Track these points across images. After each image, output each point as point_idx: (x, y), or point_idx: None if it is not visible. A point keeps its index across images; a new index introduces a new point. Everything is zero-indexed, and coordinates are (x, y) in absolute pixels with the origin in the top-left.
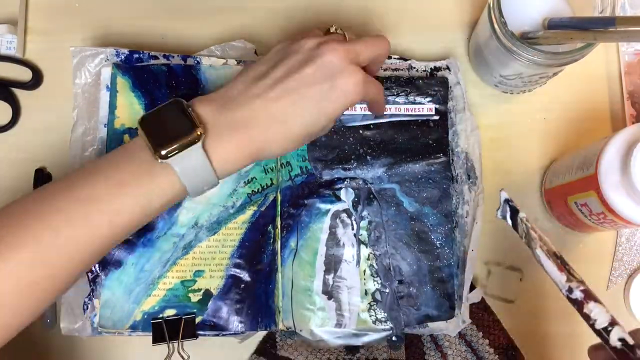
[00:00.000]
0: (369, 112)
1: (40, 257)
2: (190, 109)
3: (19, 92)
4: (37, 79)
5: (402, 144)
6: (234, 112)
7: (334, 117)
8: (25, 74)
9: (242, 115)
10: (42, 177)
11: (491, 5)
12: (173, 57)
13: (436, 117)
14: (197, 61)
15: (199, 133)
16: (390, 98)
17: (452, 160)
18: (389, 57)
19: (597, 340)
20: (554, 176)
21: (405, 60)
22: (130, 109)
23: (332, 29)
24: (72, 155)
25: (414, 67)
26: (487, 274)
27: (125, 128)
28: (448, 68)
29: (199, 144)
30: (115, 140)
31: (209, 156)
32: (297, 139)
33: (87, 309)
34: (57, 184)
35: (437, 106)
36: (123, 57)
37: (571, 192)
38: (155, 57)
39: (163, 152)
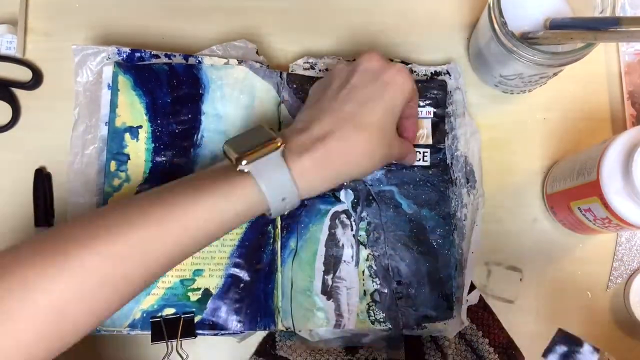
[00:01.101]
0: None
1: (115, 251)
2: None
3: (19, 92)
4: (37, 79)
5: None
6: (310, 131)
7: (398, 110)
8: (25, 74)
9: (317, 132)
10: (42, 177)
11: (491, 5)
12: (175, 56)
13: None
14: (199, 60)
15: (278, 144)
16: None
17: (452, 163)
18: (391, 60)
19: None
20: (555, 181)
21: (407, 64)
22: (131, 107)
23: None
24: (73, 153)
25: (415, 71)
26: (487, 274)
27: (127, 126)
28: (448, 73)
29: (278, 151)
30: (116, 138)
31: (289, 167)
32: (378, 139)
33: None
34: (153, 190)
35: (436, 109)
36: (125, 55)
37: (573, 197)
38: (157, 56)
39: (243, 161)
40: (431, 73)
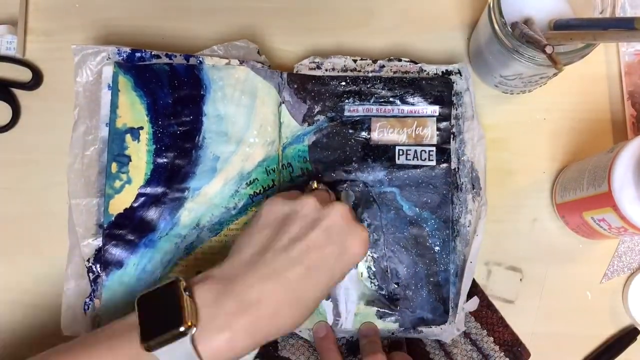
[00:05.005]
0: (368, 114)
1: None
2: (188, 293)
3: (19, 92)
4: (37, 79)
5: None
6: (239, 297)
7: (341, 280)
8: (25, 74)
9: (248, 300)
10: None
11: (491, 5)
12: (175, 56)
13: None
14: (200, 61)
15: (187, 326)
16: (392, 99)
17: (458, 168)
18: (399, 60)
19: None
20: (564, 191)
21: (416, 63)
22: (132, 108)
23: (314, 185)
24: (73, 154)
25: (425, 71)
26: (487, 274)
27: (127, 127)
28: (459, 72)
29: (187, 338)
30: (116, 139)
31: (198, 349)
32: (309, 312)
33: (88, 309)
34: (62, 350)
35: (440, 108)
36: (125, 55)
37: (585, 208)
38: (158, 56)
39: (151, 344)
40: (442, 72)
